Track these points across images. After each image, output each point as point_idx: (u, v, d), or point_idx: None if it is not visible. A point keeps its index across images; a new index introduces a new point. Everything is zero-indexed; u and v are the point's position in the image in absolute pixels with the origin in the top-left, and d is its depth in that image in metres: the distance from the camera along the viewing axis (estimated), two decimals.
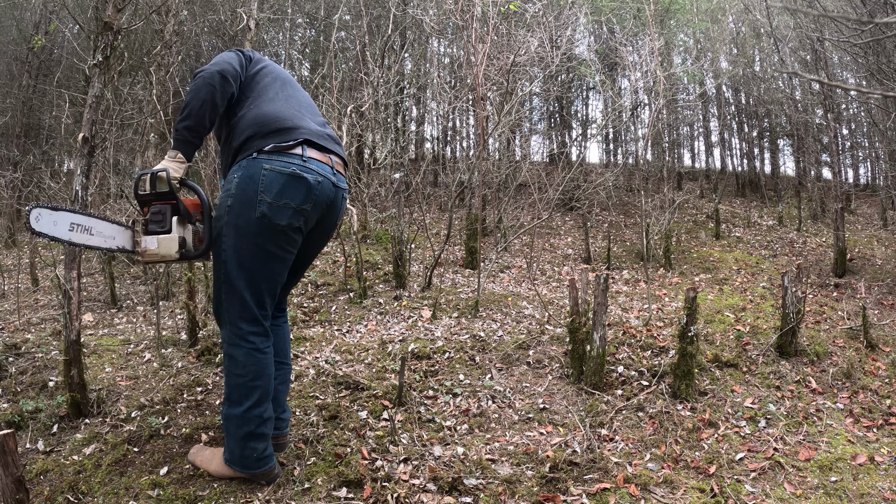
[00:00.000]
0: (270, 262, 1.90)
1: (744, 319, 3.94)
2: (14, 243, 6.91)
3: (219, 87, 1.86)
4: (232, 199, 1.84)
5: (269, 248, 1.87)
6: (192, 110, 1.84)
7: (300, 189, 1.85)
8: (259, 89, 1.97)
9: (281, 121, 1.90)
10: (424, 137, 12.90)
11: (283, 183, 1.82)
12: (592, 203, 8.70)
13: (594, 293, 2.88)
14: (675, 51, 12.06)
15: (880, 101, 6.94)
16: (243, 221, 1.83)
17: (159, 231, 1.88)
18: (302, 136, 1.89)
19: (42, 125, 10.85)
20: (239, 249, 1.85)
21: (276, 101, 1.96)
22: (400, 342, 3.33)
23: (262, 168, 1.82)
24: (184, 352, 3.16)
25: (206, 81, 1.85)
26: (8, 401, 2.60)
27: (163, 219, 1.88)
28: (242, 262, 1.86)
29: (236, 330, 1.88)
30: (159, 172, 1.84)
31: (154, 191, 1.87)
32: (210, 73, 1.86)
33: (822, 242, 7.60)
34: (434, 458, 2.21)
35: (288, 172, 1.83)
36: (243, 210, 1.82)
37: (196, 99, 1.84)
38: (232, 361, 1.89)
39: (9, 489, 1.57)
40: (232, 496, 1.95)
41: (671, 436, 2.45)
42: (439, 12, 7.49)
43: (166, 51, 6.48)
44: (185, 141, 1.87)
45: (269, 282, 1.92)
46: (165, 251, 1.88)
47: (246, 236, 1.84)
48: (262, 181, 1.81)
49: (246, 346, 1.89)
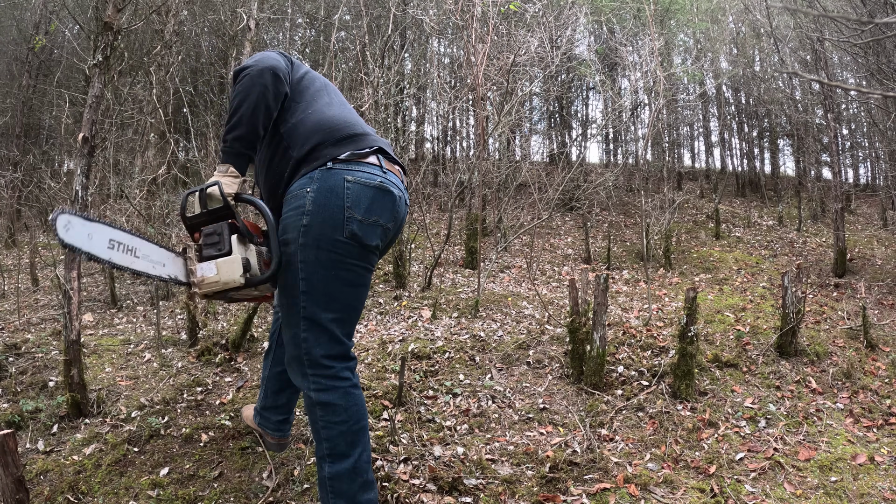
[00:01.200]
0: (358, 288, 1.63)
1: (744, 319, 3.94)
2: (14, 243, 6.91)
3: (271, 87, 1.59)
4: (308, 217, 1.53)
5: (359, 272, 1.61)
6: (242, 116, 1.56)
7: (387, 204, 1.61)
8: (311, 94, 1.71)
9: (351, 126, 1.65)
10: (424, 137, 12.90)
11: (372, 197, 1.57)
12: (592, 203, 8.70)
13: (594, 293, 2.88)
14: (675, 51, 12.06)
15: (880, 101, 6.94)
16: (327, 243, 1.54)
17: (217, 255, 1.55)
18: (376, 144, 1.65)
19: (42, 125, 10.85)
20: (325, 278, 1.57)
21: (335, 107, 1.71)
22: (400, 342, 3.33)
23: (343, 179, 1.55)
24: (184, 352, 3.16)
25: (256, 81, 1.57)
26: (8, 401, 2.60)
27: (220, 239, 1.56)
28: (332, 292, 1.58)
29: (326, 371, 1.60)
30: (210, 188, 1.56)
31: (206, 209, 1.57)
32: (259, 71, 1.58)
33: (822, 242, 7.60)
34: (434, 458, 2.21)
35: (374, 185, 1.58)
36: (326, 230, 1.54)
37: (247, 102, 1.56)
38: (328, 409, 1.59)
39: (9, 489, 1.57)
40: (232, 496, 1.95)
41: (671, 436, 2.45)
42: (439, 12, 7.49)
43: (166, 51, 6.48)
44: (236, 153, 1.59)
45: (356, 311, 1.66)
46: (228, 276, 1.54)
47: (331, 262, 1.56)
48: (347, 195, 1.54)
49: (343, 386, 1.61)
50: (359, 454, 1.62)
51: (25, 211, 8.02)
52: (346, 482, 1.61)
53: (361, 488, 1.63)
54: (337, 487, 1.61)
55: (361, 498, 1.63)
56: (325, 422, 1.60)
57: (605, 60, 10.34)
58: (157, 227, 4.18)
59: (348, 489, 1.61)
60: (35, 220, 7.97)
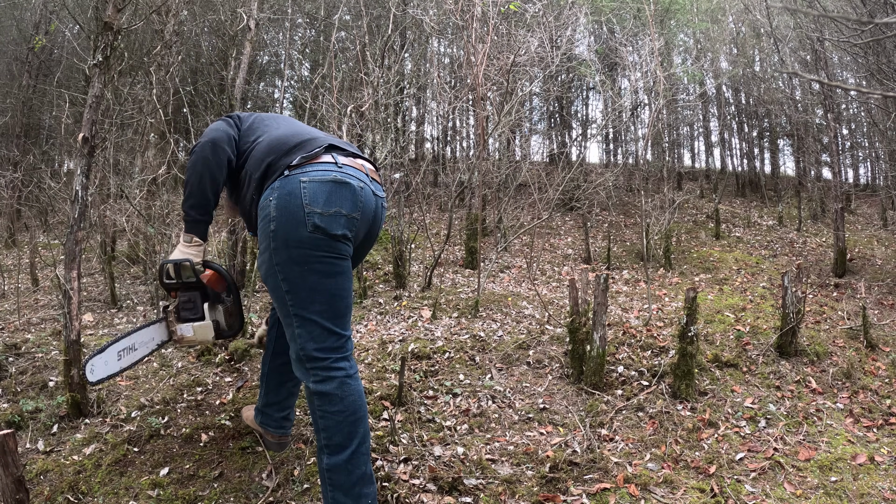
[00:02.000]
0: (335, 277, 1.72)
1: (744, 319, 3.94)
2: (14, 243, 6.91)
3: (211, 157, 1.80)
4: (275, 222, 1.65)
5: (331, 262, 1.70)
6: (192, 188, 1.80)
7: (346, 195, 1.70)
8: (260, 131, 1.89)
9: (298, 135, 1.80)
10: (424, 137, 12.90)
11: (329, 191, 1.67)
12: (592, 203, 8.70)
13: (594, 293, 2.88)
14: (675, 51, 12.06)
15: (880, 101, 6.94)
16: (295, 242, 1.65)
17: (192, 318, 1.93)
18: (326, 142, 1.77)
19: (42, 125, 10.85)
20: (300, 274, 1.66)
21: (281, 129, 1.87)
22: (400, 342, 3.33)
23: (299, 182, 1.65)
24: (184, 352, 3.16)
25: (199, 155, 1.81)
26: (8, 401, 2.60)
27: (194, 306, 1.92)
28: (309, 286, 1.67)
29: (321, 363, 1.67)
30: (182, 262, 1.84)
31: (180, 280, 1.89)
32: (200, 147, 1.82)
33: (822, 242, 7.59)
34: (434, 458, 2.21)
35: (329, 179, 1.68)
36: (291, 230, 1.64)
37: (193, 175, 1.80)
38: (325, 399, 1.66)
39: (9, 489, 1.57)
40: (232, 496, 1.95)
41: (671, 436, 2.45)
42: (439, 12, 7.49)
43: (166, 51, 6.48)
44: (194, 221, 1.84)
45: (341, 299, 1.74)
46: (202, 336, 1.94)
47: (302, 257, 1.65)
48: (304, 194, 1.64)
49: (338, 377, 1.67)
50: (356, 446, 1.66)
51: (25, 211, 8.02)
52: (343, 474, 1.64)
53: (359, 481, 1.65)
54: (335, 479, 1.65)
55: (359, 491, 1.65)
56: (323, 412, 1.67)
57: (605, 60, 10.34)
58: (157, 227, 4.18)
59: (346, 481, 1.64)
60: (35, 220, 7.97)
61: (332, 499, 1.66)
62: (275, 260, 1.67)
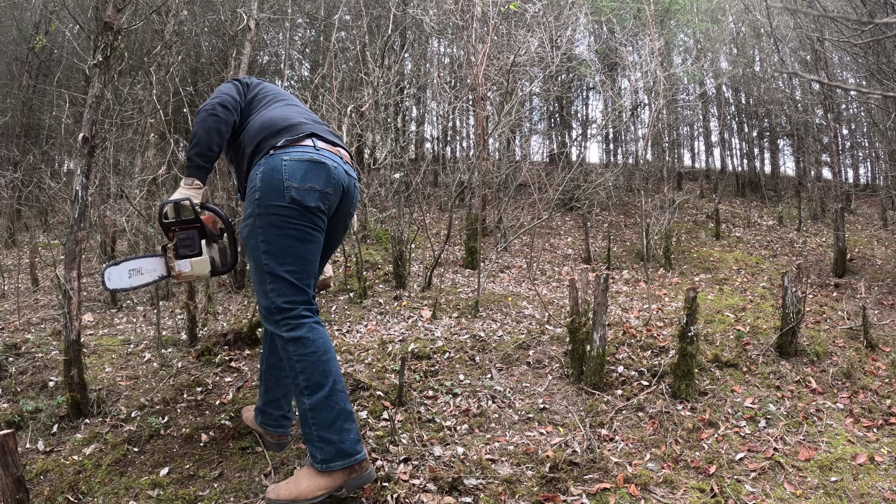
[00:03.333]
0: (307, 244, 1.96)
1: (744, 319, 3.94)
2: (14, 243, 6.91)
3: (221, 115, 2.01)
4: (259, 192, 1.91)
5: (305, 230, 1.94)
6: (199, 138, 1.98)
7: (321, 173, 1.95)
8: (262, 105, 2.13)
9: (286, 119, 2.03)
10: (424, 137, 12.90)
11: (305, 169, 1.92)
12: (592, 203, 8.70)
13: (594, 293, 2.88)
14: (675, 51, 12.06)
15: (880, 101, 6.94)
16: (275, 209, 1.90)
17: (190, 255, 2.03)
18: (309, 130, 2.02)
19: (42, 125, 10.84)
20: (277, 236, 1.91)
21: (278, 108, 2.10)
22: (400, 342, 3.33)
23: (281, 160, 1.92)
24: (184, 352, 3.16)
25: (209, 113, 2.00)
26: (8, 401, 2.60)
27: (192, 243, 2.02)
28: (284, 247, 1.91)
29: (292, 312, 1.90)
30: (182, 201, 1.96)
31: (179, 218, 2.00)
32: (211, 105, 2.02)
33: (822, 242, 7.60)
34: (434, 458, 2.21)
35: (307, 159, 1.94)
36: (272, 199, 1.90)
37: (202, 128, 1.99)
38: (298, 343, 1.87)
39: (9, 489, 1.57)
40: (232, 496, 1.95)
41: (671, 436, 2.45)
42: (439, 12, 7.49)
43: (166, 51, 6.48)
44: (196, 167, 2.00)
45: (309, 263, 1.97)
46: (200, 271, 2.05)
47: (280, 223, 1.90)
48: (284, 170, 1.90)
49: (307, 322, 1.90)
50: (332, 382, 1.86)
51: (25, 211, 8.02)
52: (325, 410, 1.82)
53: (340, 416, 1.84)
54: (318, 417, 1.83)
55: (341, 426, 1.83)
56: (299, 356, 1.86)
57: (605, 60, 10.34)
58: (156, 226, 4.18)
59: (328, 416, 1.82)
60: (35, 220, 7.97)
61: (317, 437, 1.83)
62: (257, 224, 1.91)
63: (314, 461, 1.84)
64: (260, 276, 1.94)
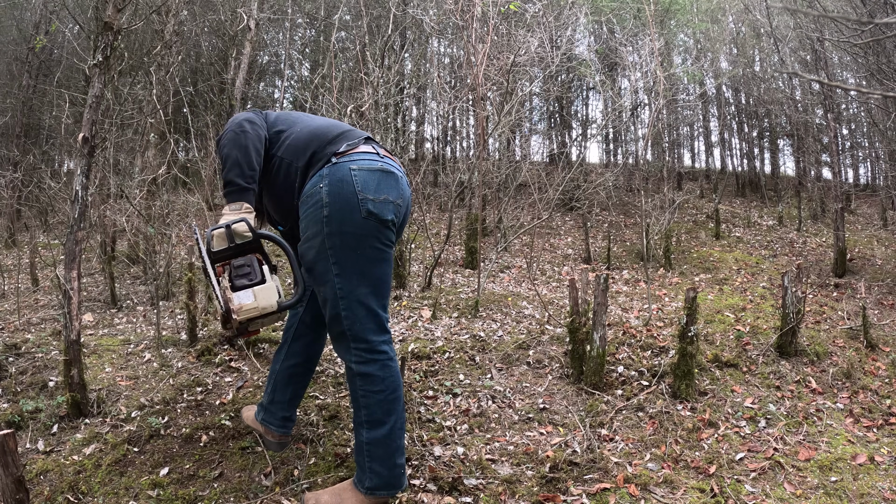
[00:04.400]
0: (383, 263, 1.79)
1: (744, 319, 3.94)
2: (14, 243, 6.91)
3: (250, 131, 1.78)
4: (327, 208, 1.70)
5: (381, 248, 1.77)
6: (234, 159, 1.73)
7: (392, 183, 1.78)
8: (290, 122, 1.91)
9: (337, 127, 1.85)
10: (424, 137, 12.90)
11: (378, 179, 1.74)
12: (592, 203, 8.70)
13: (594, 293, 2.88)
14: (675, 51, 12.06)
15: (880, 101, 6.94)
16: (350, 227, 1.70)
17: (251, 284, 1.70)
18: (364, 134, 1.84)
19: (42, 125, 10.84)
20: (354, 258, 1.72)
21: (317, 120, 1.92)
22: (400, 342, 3.33)
23: (349, 169, 1.71)
24: (184, 352, 3.16)
25: (236, 131, 1.77)
26: (8, 401, 2.60)
27: (251, 270, 1.70)
28: (362, 270, 1.73)
29: (366, 345, 1.76)
30: (236, 223, 1.69)
31: (233, 244, 1.70)
32: (236, 124, 1.80)
33: (822, 242, 7.60)
34: (434, 458, 2.21)
35: (377, 168, 1.75)
36: (346, 214, 1.70)
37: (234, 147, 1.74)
38: (367, 380, 1.77)
39: (9, 489, 1.57)
40: (232, 496, 1.95)
41: (671, 436, 2.45)
42: (439, 12, 7.49)
43: (166, 51, 6.48)
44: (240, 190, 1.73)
45: (386, 285, 1.82)
46: (265, 302, 1.68)
47: (355, 242, 1.71)
48: (355, 181, 1.70)
49: (381, 359, 1.77)
50: (394, 422, 1.80)
51: (25, 211, 8.02)
52: (382, 447, 1.79)
53: (396, 453, 1.82)
54: (374, 452, 1.79)
55: (394, 461, 1.81)
56: (365, 391, 1.78)
57: (605, 60, 10.34)
58: (157, 227, 4.18)
59: (384, 453, 1.79)
60: (35, 220, 7.97)
61: (369, 469, 1.80)
62: (327, 244, 1.71)
63: (361, 485, 1.81)
64: (332, 301, 1.75)
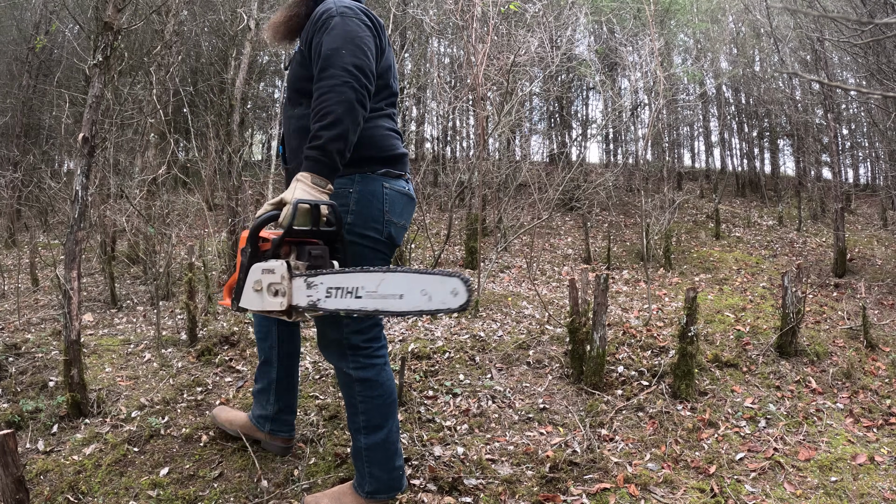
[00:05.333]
0: None
1: (744, 319, 3.94)
2: (14, 243, 6.91)
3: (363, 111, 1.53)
4: (352, 216, 1.66)
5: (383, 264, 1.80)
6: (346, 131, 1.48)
7: (410, 209, 1.83)
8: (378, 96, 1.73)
9: (394, 147, 1.77)
10: (424, 137, 12.90)
11: (404, 203, 1.78)
12: (592, 203, 8.71)
13: (594, 293, 2.88)
14: (675, 51, 12.06)
15: (880, 101, 6.94)
16: (370, 241, 1.70)
17: None
18: (407, 166, 1.84)
19: (42, 125, 10.85)
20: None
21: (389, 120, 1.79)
22: (400, 342, 3.33)
23: (382, 186, 1.70)
24: (184, 352, 3.16)
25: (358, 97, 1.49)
26: (8, 401, 2.60)
27: (324, 264, 1.51)
28: None
29: (364, 351, 1.78)
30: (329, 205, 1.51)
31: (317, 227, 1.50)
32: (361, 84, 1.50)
33: (822, 242, 7.60)
34: (434, 458, 2.21)
35: (405, 192, 1.78)
36: (369, 229, 1.69)
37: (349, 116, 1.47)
38: (367, 385, 1.78)
39: (9, 489, 1.57)
40: (232, 496, 1.95)
41: (671, 436, 2.45)
42: (439, 12, 7.49)
43: (166, 51, 6.48)
44: (334, 167, 1.50)
45: None
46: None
47: (366, 256, 1.71)
48: (386, 200, 1.70)
49: (378, 364, 1.80)
50: (391, 425, 1.82)
51: (25, 211, 8.03)
52: (381, 451, 1.81)
53: (394, 455, 1.84)
54: (373, 456, 1.81)
55: (393, 464, 1.84)
56: (363, 396, 1.79)
57: (605, 60, 10.34)
58: (157, 227, 4.18)
59: (382, 456, 1.81)
60: (35, 220, 7.97)
61: (369, 474, 1.82)
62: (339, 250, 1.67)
63: (361, 489, 1.84)
64: None
